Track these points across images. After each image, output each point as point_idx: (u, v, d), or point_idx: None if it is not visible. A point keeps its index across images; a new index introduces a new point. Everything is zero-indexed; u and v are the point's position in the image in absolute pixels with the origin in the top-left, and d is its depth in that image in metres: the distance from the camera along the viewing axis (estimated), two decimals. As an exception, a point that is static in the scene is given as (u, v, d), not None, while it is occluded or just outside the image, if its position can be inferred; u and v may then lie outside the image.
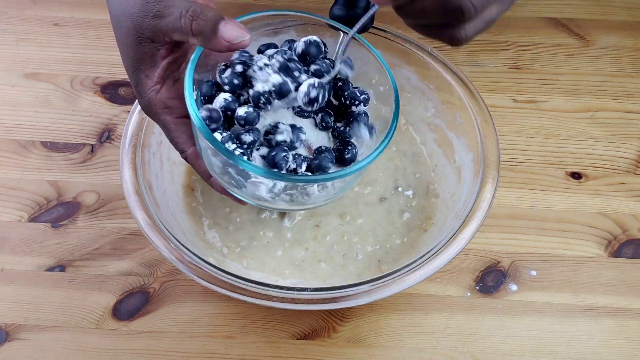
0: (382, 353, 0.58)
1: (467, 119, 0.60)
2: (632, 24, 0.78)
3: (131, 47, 0.48)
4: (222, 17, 0.45)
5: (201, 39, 0.46)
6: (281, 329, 0.59)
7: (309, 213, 0.61)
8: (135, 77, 0.49)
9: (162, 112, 0.50)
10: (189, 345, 0.58)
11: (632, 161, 0.68)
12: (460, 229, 0.54)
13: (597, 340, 0.58)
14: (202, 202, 0.62)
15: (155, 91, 0.49)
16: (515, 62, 0.75)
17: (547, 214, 0.65)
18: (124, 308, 0.59)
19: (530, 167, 0.68)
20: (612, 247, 0.63)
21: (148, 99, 0.49)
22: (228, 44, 0.45)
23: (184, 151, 0.51)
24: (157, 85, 0.49)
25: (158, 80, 0.49)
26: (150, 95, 0.49)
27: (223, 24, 0.45)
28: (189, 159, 0.51)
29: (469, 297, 0.60)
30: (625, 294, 0.60)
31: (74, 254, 0.62)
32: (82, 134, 0.70)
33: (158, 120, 0.51)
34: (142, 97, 0.50)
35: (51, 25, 0.78)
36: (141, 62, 0.48)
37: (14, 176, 0.67)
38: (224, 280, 0.51)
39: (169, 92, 0.50)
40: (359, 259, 0.59)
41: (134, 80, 0.49)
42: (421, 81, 0.64)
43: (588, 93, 0.73)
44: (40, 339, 0.58)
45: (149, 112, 0.51)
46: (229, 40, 0.45)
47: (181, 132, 0.50)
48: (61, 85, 0.73)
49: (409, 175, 0.64)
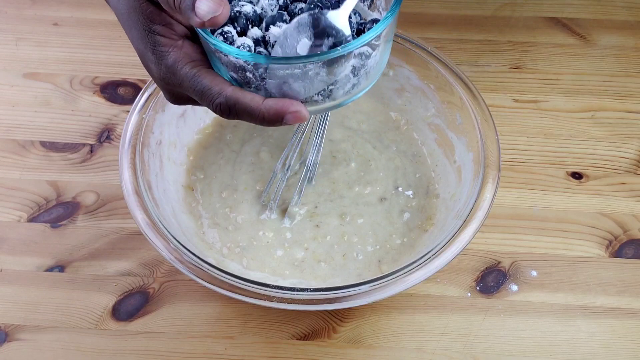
0: (382, 353, 0.58)
1: (467, 119, 0.60)
2: (633, 23, 0.78)
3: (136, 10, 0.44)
4: None
5: (184, 17, 0.41)
6: (281, 329, 0.58)
7: (309, 213, 0.61)
8: (151, 40, 0.44)
9: (190, 65, 0.44)
10: (188, 345, 0.58)
11: (633, 161, 0.68)
12: (461, 229, 0.53)
13: (597, 340, 0.58)
14: (202, 202, 0.62)
15: (178, 47, 0.44)
16: (516, 62, 0.75)
17: (547, 214, 0.65)
18: (123, 308, 0.59)
19: (531, 167, 0.68)
20: (612, 248, 0.63)
21: (172, 58, 0.44)
22: (200, 21, 0.41)
23: (223, 91, 0.43)
24: (178, 41, 0.45)
25: (177, 37, 0.45)
26: (172, 52, 0.44)
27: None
28: (231, 98, 0.43)
29: (470, 298, 0.60)
30: (625, 294, 0.60)
31: (73, 254, 0.62)
32: (82, 134, 0.70)
33: (185, 77, 0.44)
34: (164, 58, 0.44)
35: (50, 25, 0.78)
36: (152, 21, 0.44)
37: (13, 176, 0.67)
38: (224, 281, 0.51)
39: (193, 48, 0.45)
40: (359, 259, 0.59)
41: (150, 44, 0.44)
42: (421, 81, 0.64)
43: (589, 93, 0.73)
44: (40, 339, 0.58)
45: (172, 74, 0.45)
46: (200, 17, 0.41)
47: (214, 76, 0.44)
48: (60, 85, 0.73)
49: (409, 175, 0.64)
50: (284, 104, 0.43)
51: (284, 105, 0.43)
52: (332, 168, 0.64)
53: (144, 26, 0.44)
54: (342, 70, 0.44)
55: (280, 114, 0.43)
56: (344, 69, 0.44)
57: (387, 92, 0.67)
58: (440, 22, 0.78)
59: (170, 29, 0.45)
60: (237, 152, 0.65)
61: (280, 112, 0.43)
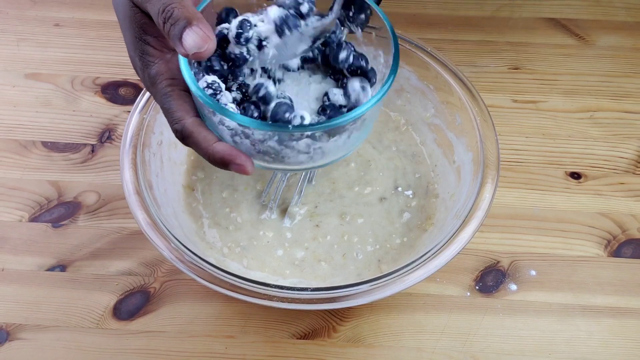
0: (382, 353, 0.58)
1: (466, 119, 0.61)
2: (631, 24, 0.78)
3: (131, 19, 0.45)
4: (189, 22, 0.41)
5: (172, 43, 0.42)
6: (281, 328, 0.59)
7: (309, 213, 0.62)
8: (140, 47, 0.45)
9: (167, 82, 0.45)
10: (189, 345, 0.58)
11: (632, 161, 0.68)
12: (460, 228, 0.54)
13: (596, 339, 0.58)
14: (203, 202, 0.62)
15: (165, 60, 0.45)
16: (515, 63, 0.75)
17: (546, 214, 0.65)
18: (124, 308, 0.59)
19: (530, 167, 0.68)
20: (611, 247, 0.63)
21: (155, 69, 0.45)
22: (185, 52, 0.41)
23: (182, 120, 0.45)
24: (167, 54, 0.46)
25: (167, 51, 0.45)
26: (157, 64, 0.45)
27: (187, 30, 0.41)
28: (187, 130, 0.44)
29: (469, 297, 0.60)
30: (624, 294, 0.61)
31: (75, 254, 0.62)
32: (83, 134, 0.70)
33: (159, 92, 0.46)
34: (149, 67, 0.45)
35: (51, 25, 0.78)
36: (144, 31, 0.45)
37: (14, 176, 0.67)
38: (224, 280, 0.51)
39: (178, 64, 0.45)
40: (359, 259, 0.60)
41: (139, 51, 0.45)
42: (421, 81, 0.64)
43: (587, 93, 0.73)
44: (41, 338, 0.58)
45: (152, 84, 0.46)
46: (185, 49, 0.41)
47: (183, 101, 0.45)
48: (61, 86, 0.73)
49: (409, 175, 0.64)
50: (231, 154, 0.44)
51: (231, 155, 0.44)
52: (332, 168, 0.64)
53: (136, 34, 0.45)
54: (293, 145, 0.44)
55: (226, 162, 0.44)
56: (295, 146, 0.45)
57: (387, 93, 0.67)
58: (439, 22, 0.78)
59: (162, 42, 0.46)
60: (238, 152, 0.65)
61: (226, 161, 0.44)
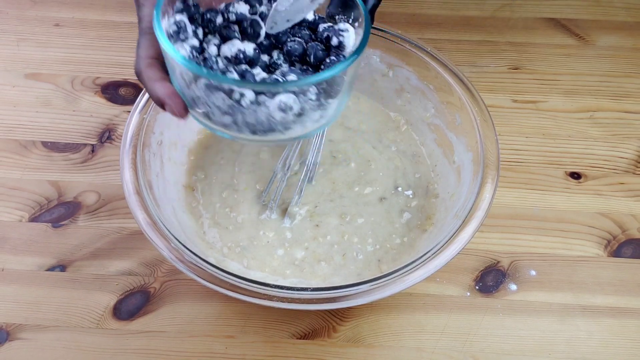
0: (382, 353, 0.58)
1: (466, 119, 0.61)
2: (631, 24, 0.78)
3: None
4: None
5: None
6: (281, 328, 0.59)
7: (309, 213, 0.62)
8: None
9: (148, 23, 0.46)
10: (189, 344, 0.58)
11: (631, 161, 0.68)
12: (460, 228, 0.54)
13: (596, 339, 0.58)
14: (203, 202, 0.62)
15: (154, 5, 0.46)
16: (515, 63, 0.75)
17: (546, 214, 0.65)
18: (124, 308, 0.60)
19: (530, 167, 0.68)
20: (611, 247, 0.63)
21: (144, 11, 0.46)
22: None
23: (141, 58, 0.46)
24: None
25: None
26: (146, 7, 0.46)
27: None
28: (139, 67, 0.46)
29: (469, 297, 0.60)
30: (624, 294, 0.61)
31: (75, 254, 0.62)
32: (83, 134, 0.70)
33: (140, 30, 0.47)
34: (140, 9, 0.47)
35: (51, 25, 0.78)
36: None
37: (14, 176, 0.67)
38: (225, 280, 0.51)
39: None
40: (359, 259, 0.60)
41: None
42: (421, 81, 0.64)
43: (587, 93, 0.73)
44: (41, 338, 0.58)
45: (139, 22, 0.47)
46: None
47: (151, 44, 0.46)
48: (62, 86, 0.73)
49: (409, 175, 0.64)
50: (167, 94, 0.46)
51: (167, 95, 0.45)
52: (332, 168, 0.64)
53: None
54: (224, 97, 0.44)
55: (161, 101, 0.46)
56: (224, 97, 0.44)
57: (387, 93, 0.67)
58: (439, 22, 0.78)
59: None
60: (238, 152, 0.65)
61: (161, 100, 0.46)
